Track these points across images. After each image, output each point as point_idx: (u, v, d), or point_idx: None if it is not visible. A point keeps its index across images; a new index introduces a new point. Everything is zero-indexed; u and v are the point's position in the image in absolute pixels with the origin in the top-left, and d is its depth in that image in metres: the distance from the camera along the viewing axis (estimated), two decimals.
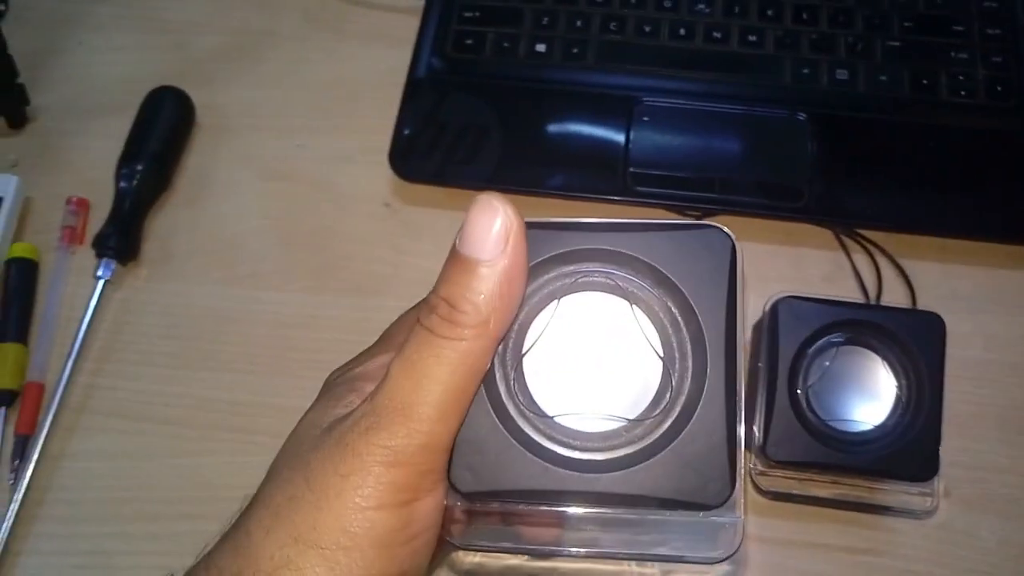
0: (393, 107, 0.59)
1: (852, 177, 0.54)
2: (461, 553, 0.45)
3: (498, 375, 0.31)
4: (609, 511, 0.30)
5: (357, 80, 0.62)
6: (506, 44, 0.59)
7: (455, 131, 0.56)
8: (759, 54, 0.57)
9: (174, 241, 0.58)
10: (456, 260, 0.31)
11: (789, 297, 0.44)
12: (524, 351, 0.31)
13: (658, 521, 0.31)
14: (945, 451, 0.47)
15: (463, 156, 0.56)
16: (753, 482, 0.46)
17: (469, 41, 0.59)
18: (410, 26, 0.62)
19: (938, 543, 0.47)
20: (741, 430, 0.30)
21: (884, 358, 0.43)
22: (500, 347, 0.31)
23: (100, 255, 0.55)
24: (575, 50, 0.58)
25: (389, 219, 0.58)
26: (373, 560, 0.28)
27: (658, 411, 0.31)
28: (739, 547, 0.31)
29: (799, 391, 0.43)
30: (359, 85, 0.62)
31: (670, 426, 0.30)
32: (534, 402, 0.31)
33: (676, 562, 0.37)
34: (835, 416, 0.43)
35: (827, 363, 0.44)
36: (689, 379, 0.31)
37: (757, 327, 0.47)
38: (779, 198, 0.54)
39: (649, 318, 0.31)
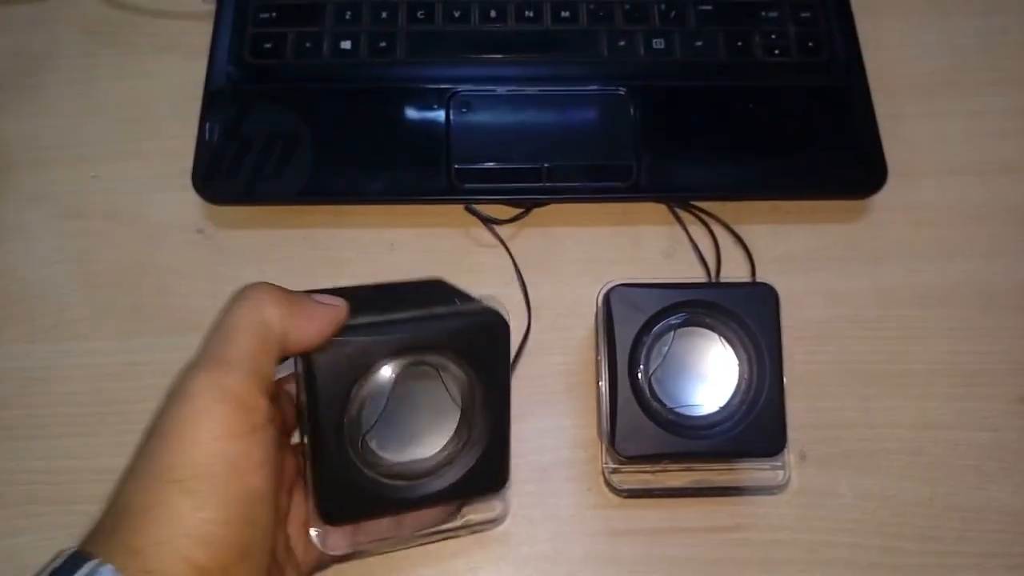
0: (195, 124, 0.54)
1: (679, 149, 0.53)
2: None
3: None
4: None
5: (152, 98, 0.57)
6: (308, 44, 0.54)
7: (262, 144, 0.52)
8: (574, 30, 0.55)
9: None
10: None
11: (619, 285, 0.42)
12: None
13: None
14: (796, 414, 0.47)
15: (273, 170, 0.52)
16: (607, 482, 0.44)
17: (268, 45, 0.55)
18: (205, 33, 0.57)
19: (800, 508, 0.47)
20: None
21: (722, 336, 0.43)
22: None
23: None
24: (383, 44, 0.55)
25: (204, 246, 0.53)
26: (227, 481, 0.33)
27: (461, 442, 0.40)
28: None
29: (641, 381, 0.42)
30: (155, 103, 0.57)
31: (471, 451, 0.40)
32: (373, 451, 0.39)
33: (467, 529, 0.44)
34: (680, 402, 0.42)
35: (666, 348, 0.42)
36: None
37: (598, 315, 0.45)
38: (609, 179, 0.52)
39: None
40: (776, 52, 0.55)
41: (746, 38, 0.55)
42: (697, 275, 0.52)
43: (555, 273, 0.52)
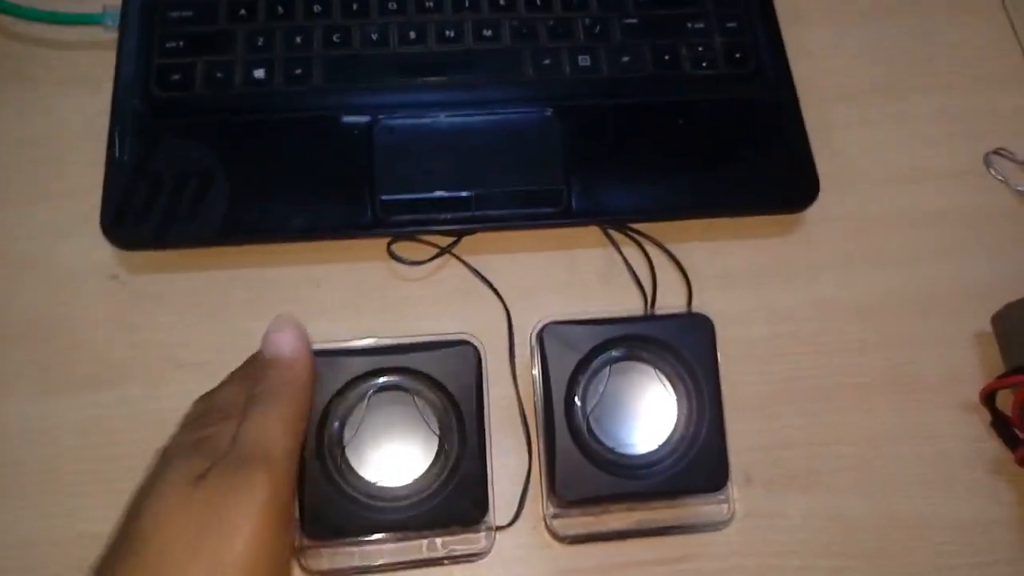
0: (102, 163, 0.51)
1: (610, 170, 0.52)
2: None
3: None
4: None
5: (58, 135, 0.54)
6: (219, 74, 0.52)
7: (173, 183, 0.49)
8: (496, 48, 0.53)
9: None
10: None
11: (552, 323, 0.41)
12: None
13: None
14: (741, 436, 0.47)
15: (187, 211, 0.49)
16: (548, 528, 0.43)
17: (176, 76, 0.52)
18: (110, 64, 0.54)
19: (748, 532, 0.46)
20: (489, 471, 0.42)
21: (659, 370, 0.41)
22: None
23: None
24: (298, 71, 0.52)
25: (119, 294, 0.50)
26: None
27: (438, 469, 0.42)
28: (492, 545, 0.43)
29: (579, 421, 0.41)
30: (61, 140, 0.54)
31: (447, 477, 0.42)
32: (353, 469, 0.42)
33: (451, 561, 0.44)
34: (620, 441, 0.41)
35: (602, 386, 0.41)
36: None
37: (532, 352, 0.44)
38: (540, 204, 0.50)
39: (431, 408, 0.43)
40: (703, 64, 0.54)
41: (673, 51, 0.54)
42: (635, 297, 0.51)
43: (489, 304, 0.50)
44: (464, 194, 0.50)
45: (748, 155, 0.52)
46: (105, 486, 0.46)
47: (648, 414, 0.41)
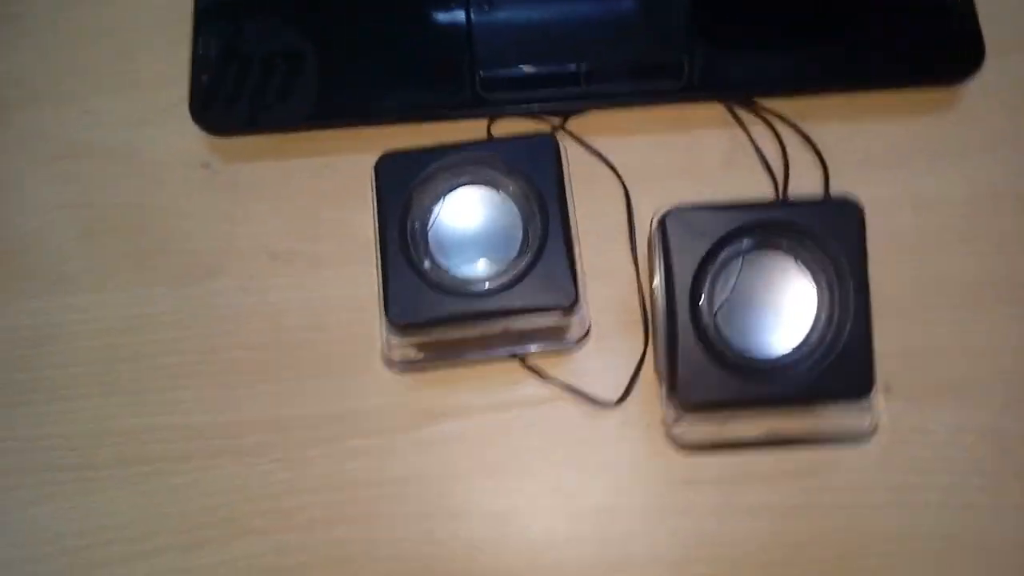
0: (188, 48, 0.48)
1: (737, 38, 0.46)
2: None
3: (411, 249, 0.40)
4: (497, 323, 0.40)
5: (139, 21, 0.51)
6: None
7: (262, 64, 0.46)
8: None
9: None
10: None
11: (676, 209, 0.36)
12: (429, 227, 0.41)
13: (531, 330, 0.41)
14: (880, 339, 0.41)
15: (277, 93, 0.46)
16: (668, 435, 0.40)
17: None
18: None
19: (886, 447, 0.42)
20: (579, 258, 0.40)
21: (799, 261, 0.36)
22: (410, 230, 0.40)
23: None
24: None
25: (211, 183, 0.48)
26: None
27: (523, 255, 0.40)
28: (588, 334, 0.43)
29: (705, 319, 0.36)
30: (143, 27, 0.51)
31: (530, 261, 0.39)
32: (437, 260, 0.40)
33: (548, 352, 0.43)
34: (751, 341, 0.37)
35: (733, 279, 0.36)
36: (539, 230, 0.40)
37: (651, 243, 0.39)
38: (656, 79, 0.45)
39: (511, 198, 0.41)
40: None
41: None
42: (763, 185, 0.46)
43: (598, 190, 0.46)
44: (572, 68, 0.45)
45: (899, 16, 0.45)
46: (200, 379, 0.45)
47: (785, 311, 0.37)
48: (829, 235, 0.36)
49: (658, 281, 0.37)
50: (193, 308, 0.46)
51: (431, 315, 0.38)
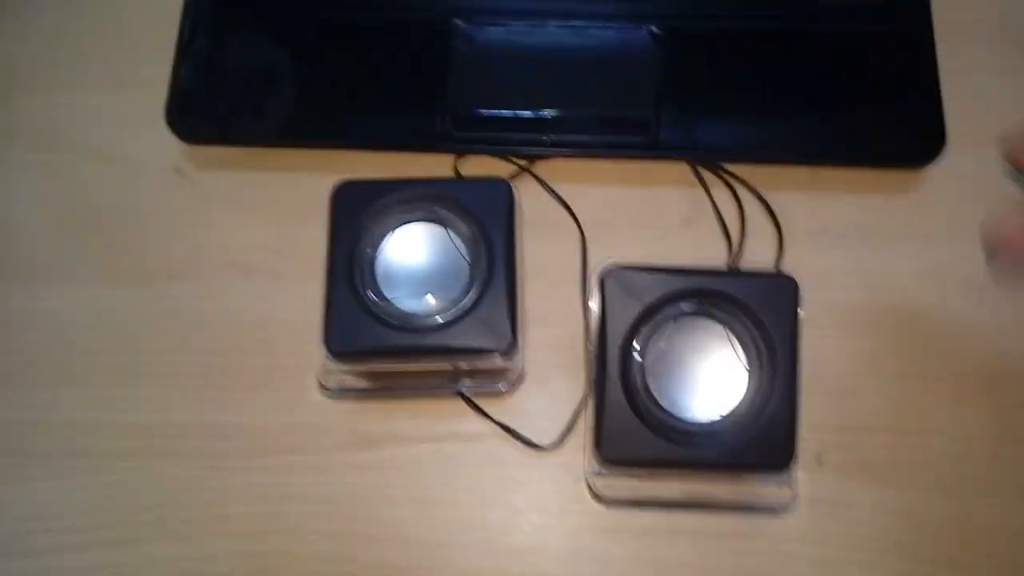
0: (174, 52, 0.49)
1: (707, 100, 0.46)
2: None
3: (356, 278, 0.41)
4: (433, 360, 0.41)
5: (131, 21, 0.52)
6: None
7: (240, 78, 0.47)
8: None
9: None
10: None
11: (616, 267, 0.37)
12: (376, 257, 0.42)
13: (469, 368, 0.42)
14: (815, 412, 0.43)
15: (252, 108, 0.47)
16: (590, 487, 0.40)
17: None
18: None
19: (812, 519, 0.42)
20: (521, 303, 0.41)
21: (731, 331, 0.37)
22: (358, 259, 0.41)
23: None
24: None
25: (182, 188, 0.49)
26: None
27: (465, 295, 0.40)
28: (521, 379, 0.44)
29: (634, 377, 0.37)
30: (134, 30, 0.52)
31: (471, 302, 0.40)
32: (381, 292, 0.41)
33: (479, 393, 0.44)
34: (677, 404, 0.37)
35: (663, 342, 0.37)
36: (484, 272, 0.41)
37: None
38: (624, 132, 0.46)
39: (460, 238, 0.42)
40: None
41: None
42: (719, 245, 0.46)
43: (557, 235, 0.47)
44: (543, 113, 0.46)
45: (868, 97, 0.46)
46: (149, 379, 0.46)
47: (713, 378, 0.38)
48: (764, 310, 0.37)
49: (593, 337, 0.38)
50: (151, 310, 0.47)
51: (368, 346, 0.39)
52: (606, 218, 0.47)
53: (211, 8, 0.48)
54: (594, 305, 0.39)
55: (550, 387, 0.45)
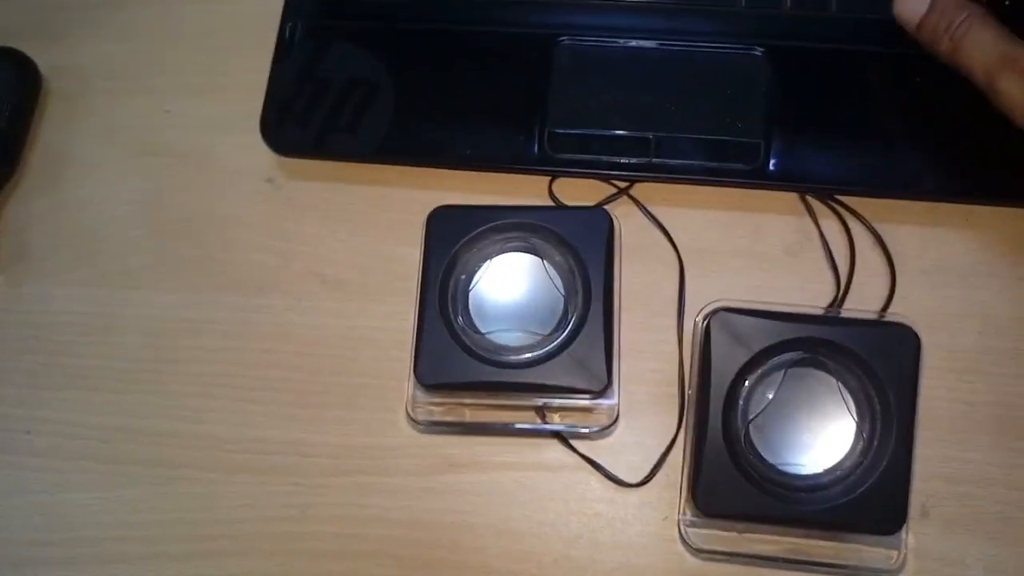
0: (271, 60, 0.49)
1: (820, 128, 0.44)
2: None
3: (450, 308, 0.40)
4: (523, 396, 0.40)
5: (232, 27, 0.52)
6: None
7: (338, 91, 0.47)
8: None
9: (29, 235, 0.49)
10: None
11: (724, 310, 0.35)
12: (470, 288, 0.41)
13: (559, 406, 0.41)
14: (925, 461, 0.40)
15: (348, 122, 0.46)
16: (682, 536, 0.39)
17: None
18: None
19: (915, 574, 0.40)
20: (616, 341, 0.40)
21: (843, 383, 0.35)
22: (451, 288, 0.41)
23: None
24: None
25: (273, 198, 0.49)
26: None
27: (560, 330, 0.39)
28: (615, 422, 0.42)
29: (737, 428, 0.35)
30: (234, 33, 0.52)
31: (566, 339, 0.39)
32: (474, 324, 0.40)
33: (571, 435, 0.42)
34: (780, 457, 0.35)
35: (771, 392, 0.35)
36: (579, 308, 0.40)
37: (696, 329, 0.38)
38: (730, 159, 0.44)
39: (556, 270, 0.41)
40: None
41: None
42: (824, 279, 0.44)
43: (654, 260, 0.45)
44: (645, 136, 0.44)
45: (995, 130, 0.42)
46: (233, 392, 0.45)
47: (821, 431, 0.36)
48: (880, 363, 0.35)
49: (694, 381, 0.36)
50: (238, 320, 0.47)
51: (459, 379, 0.38)
52: (706, 245, 0.45)
53: (310, 19, 0.48)
54: (695, 344, 0.37)
55: (639, 422, 0.43)
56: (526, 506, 0.43)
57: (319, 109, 0.47)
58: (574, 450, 0.42)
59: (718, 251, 0.45)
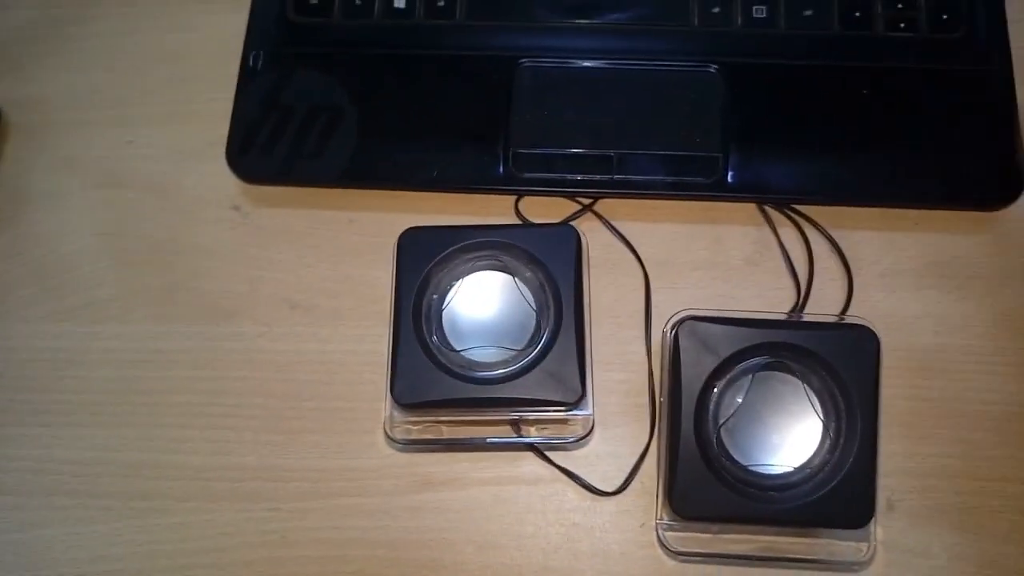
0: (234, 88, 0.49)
1: (774, 140, 0.46)
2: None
3: (424, 327, 0.41)
4: (499, 411, 0.41)
5: (193, 54, 0.52)
6: (358, 2, 0.49)
7: (302, 117, 0.47)
8: None
9: None
10: None
11: (691, 319, 0.36)
12: (443, 307, 0.42)
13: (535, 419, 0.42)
14: (889, 457, 0.41)
15: (314, 148, 0.47)
16: (660, 539, 0.39)
17: (314, 1, 0.49)
18: None
19: (884, 567, 0.41)
20: (589, 353, 0.41)
21: (808, 384, 0.36)
22: (424, 308, 0.41)
23: None
24: (441, 3, 0.48)
25: (240, 226, 0.49)
26: None
27: (533, 344, 0.40)
28: (591, 432, 0.42)
29: (708, 432, 0.36)
30: (198, 60, 0.52)
31: (539, 353, 0.40)
32: (448, 342, 0.41)
33: (549, 447, 0.43)
34: (751, 459, 0.36)
35: (740, 396, 0.36)
36: (551, 322, 0.40)
37: (664, 341, 0.39)
38: (691, 173, 0.45)
39: (527, 286, 0.42)
40: (901, 25, 0.46)
41: (865, 7, 0.46)
42: (784, 286, 0.45)
43: (619, 274, 0.46)
44: (607, 153, 0.45)
45: (942, 137, 0.45)
46: (208, 420, 0.45)
47: (789, 432, 0.37)
48: (842, 363, 0.36)
49: (665, 389, 0.37)
50: (209, 349, 0.47)
51: (435, 396, 0.38)
52: (669, 257, 0.47)
53: (273, 45, 0.48)
54: (664, 353, 0.38)
55: (611, 432, 0.44)
56: (504, 520, 0.43)
57: (284, 135, 0.47)
58: (550, 462, 0.43)
59: (681, 263, 0.47)
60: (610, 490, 0.43)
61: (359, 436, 0.44)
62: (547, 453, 0.43)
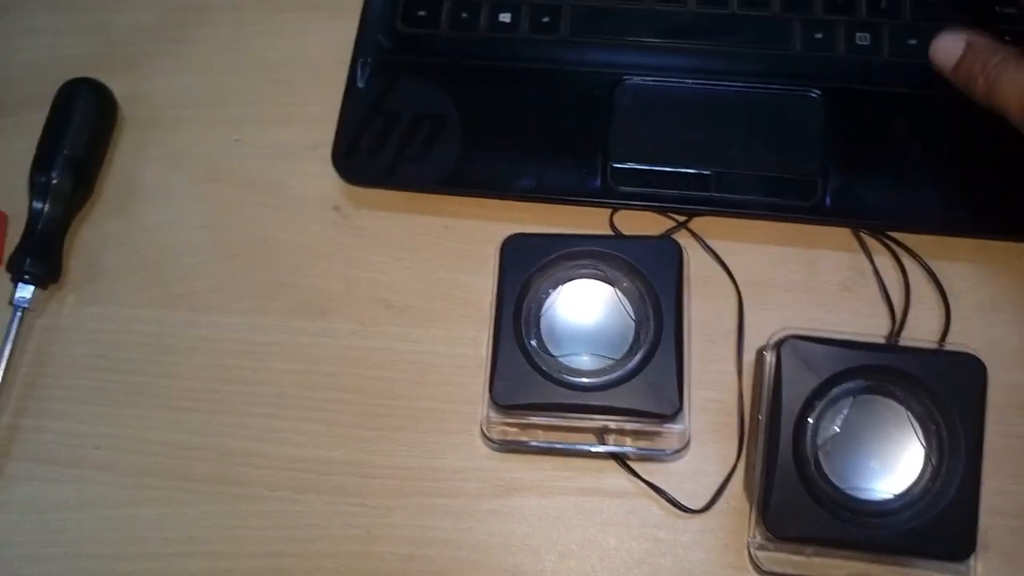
0: (341, 92, 0.51)
1: (875, 166, 0.45)
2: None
3: (523, 331, 0.41)
4: (595, 419, 0.41)
5: (300, 59, 0.54)
6: (465, 15, 0.50)
7: (407, 123, 0.48)
8: (764, 16, 0.48)
9: (101, 258, 0.51)
10: None
11: (793, 338, 0.36)
12: (543, 312, 0.42)
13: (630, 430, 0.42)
14: (984, 495, 0.40)
15: (417, 154, 0.48)
16: (751, 558, 0.39)
17: (422, 13, 0.50)
18: None
19: None
20: (686, 367, 0.41)
21: (911, 411, 0.36)
22: (524, 312, 0.42)
23: (16, 279, 0.49)
24: (546, 19, 0.49)
25: (339, 226, 0.50)
26: None
27: (632, 354, 0.41)
28: (687, 446, 0.42)
29: (806, 452, 0.36)
30: (303, 65, 0.54)
31: (638, 363, 0.40)
32: (546, 347, 0.41)
33: (643, 458, 0.43)
34: (850, 483, 0.36)
35: (840, 418, 0.36)
36: (651, 334, 0.41)
37: (760, 359, 0.39)
38: (788, 195, 0.45)
39: (626, 296, 0.42)
40: None
41: None
42: (878, 317, 0.45)
43: (712, 293, 0.46)
44: (704, 172, 0.46)
45: None
46: (299, 413, 0.46)
47: (890, 457, 0.36)
48: (947, 390, 0.36)
49: (764, 406, 0.37)
50: (304, 344, 0.48)
51: (534, 400, 0.39)
52: (762, 278, 0.47)
53: (381, 53, 0.50)
54: (759, 373, 0.38)
55: (699, 450, 0.44)
56: (588, 530, 0.43)
57: (388, 141, 0.48)
58: (637, 475, 0.43)
59: (774, 284, 0.47)
60: (696, 507, 0.43)
61: (447, 437, 0.45)
62: (635, 466, 0.43)
